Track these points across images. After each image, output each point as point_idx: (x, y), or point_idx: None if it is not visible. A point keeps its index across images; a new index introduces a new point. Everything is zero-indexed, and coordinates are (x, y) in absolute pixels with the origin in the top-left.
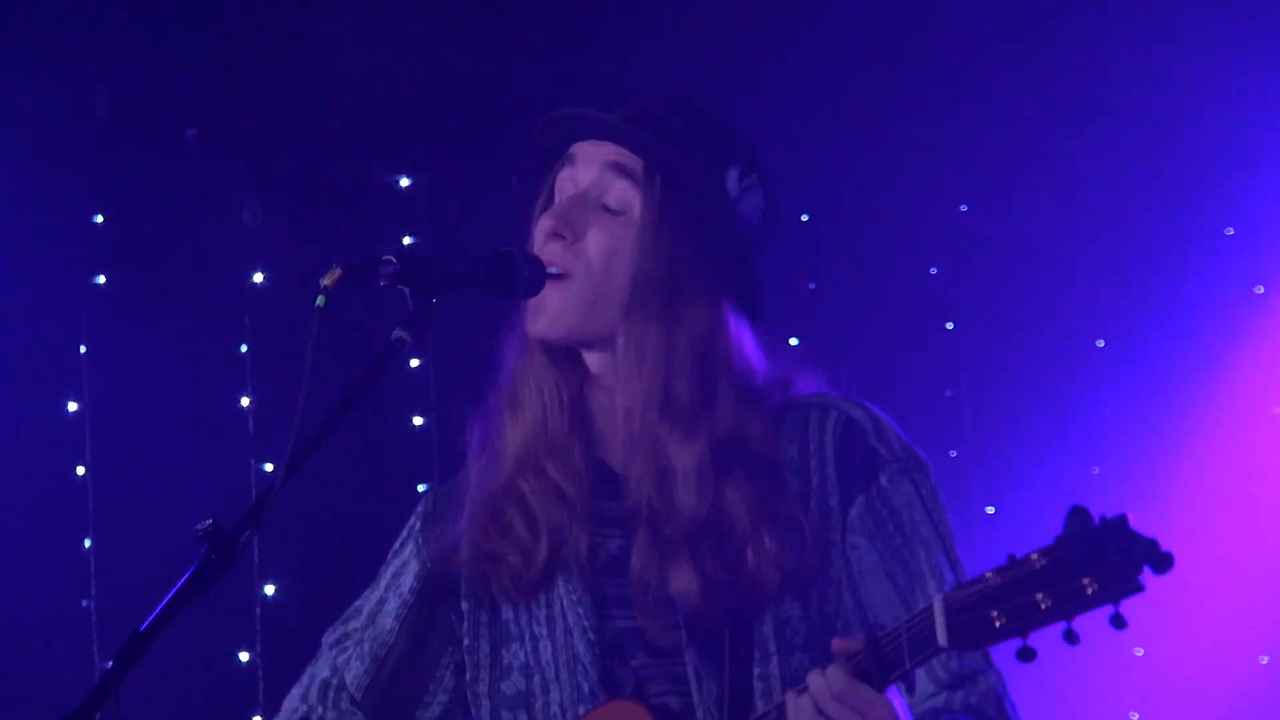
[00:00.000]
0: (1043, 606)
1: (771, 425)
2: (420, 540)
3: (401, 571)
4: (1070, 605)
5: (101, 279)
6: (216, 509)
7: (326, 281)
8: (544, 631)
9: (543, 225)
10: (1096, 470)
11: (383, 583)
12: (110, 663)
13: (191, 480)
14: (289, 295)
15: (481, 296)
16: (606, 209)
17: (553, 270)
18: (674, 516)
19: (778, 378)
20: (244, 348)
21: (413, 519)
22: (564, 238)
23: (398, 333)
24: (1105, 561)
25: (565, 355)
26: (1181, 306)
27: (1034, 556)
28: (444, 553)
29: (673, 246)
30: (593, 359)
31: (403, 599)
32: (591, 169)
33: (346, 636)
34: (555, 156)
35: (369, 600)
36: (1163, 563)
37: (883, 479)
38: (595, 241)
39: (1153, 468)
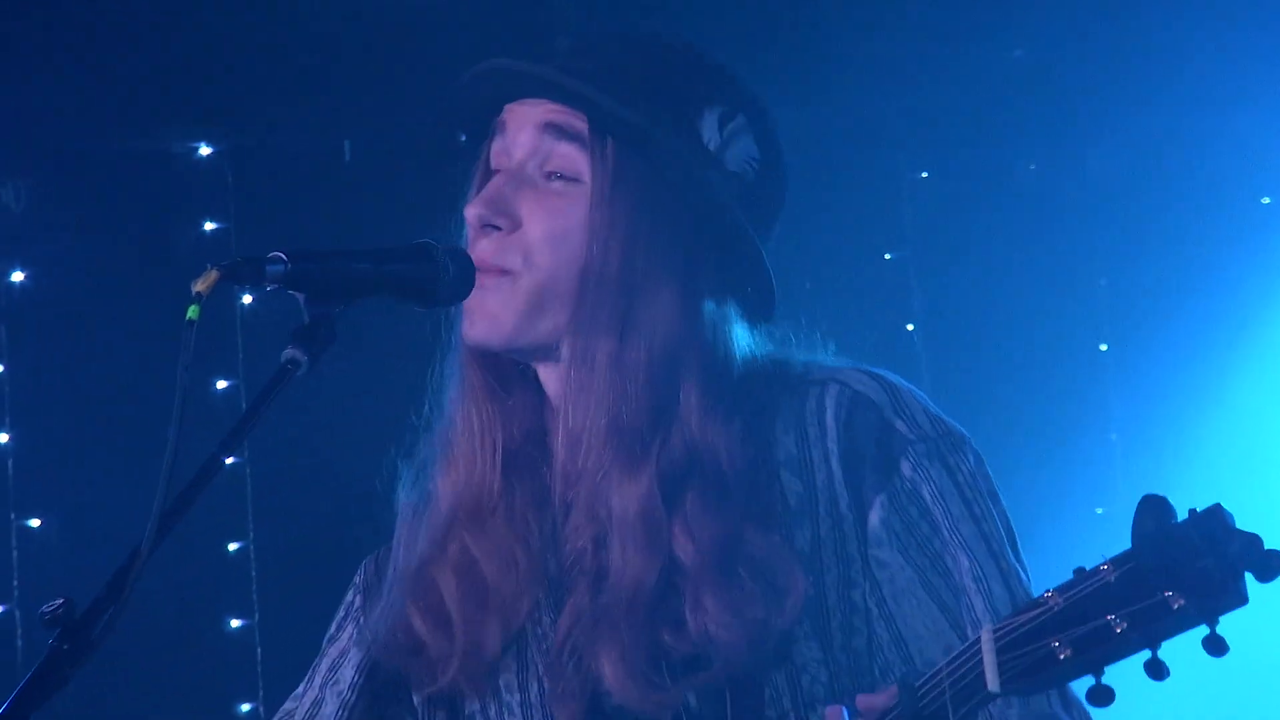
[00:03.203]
0: (1118, 631)
1: (755, 422)
2: (362, 620)
3: (340, 662)
4: (1152, 628)
5: None
6: None
7: (200, 286)
8: None
9: (470, 214)
10: (1100, 511)
11: (318, 678)
12: None
13: None
14: (58, 298)
15: (394, 303)
16: (550, 180)
17: (489, 267)
18: (606, 580)
19: (769, 363)
20: (0, 367)
21: (350, 593)
22: (498, 228)
23: (289, 352)
24: (1193, 568)
25: (517, 375)
26: (1205, 298)
27: (1104, 567)
28: (383, 637)
29: (630, 223)
30: (544, 374)
31: (342, 698)
32: (525, 134)
33: None
34: (487, 121)
35: (302, 703)
36: (1270, 566)
37: (905, 467)
38: (538, 225)
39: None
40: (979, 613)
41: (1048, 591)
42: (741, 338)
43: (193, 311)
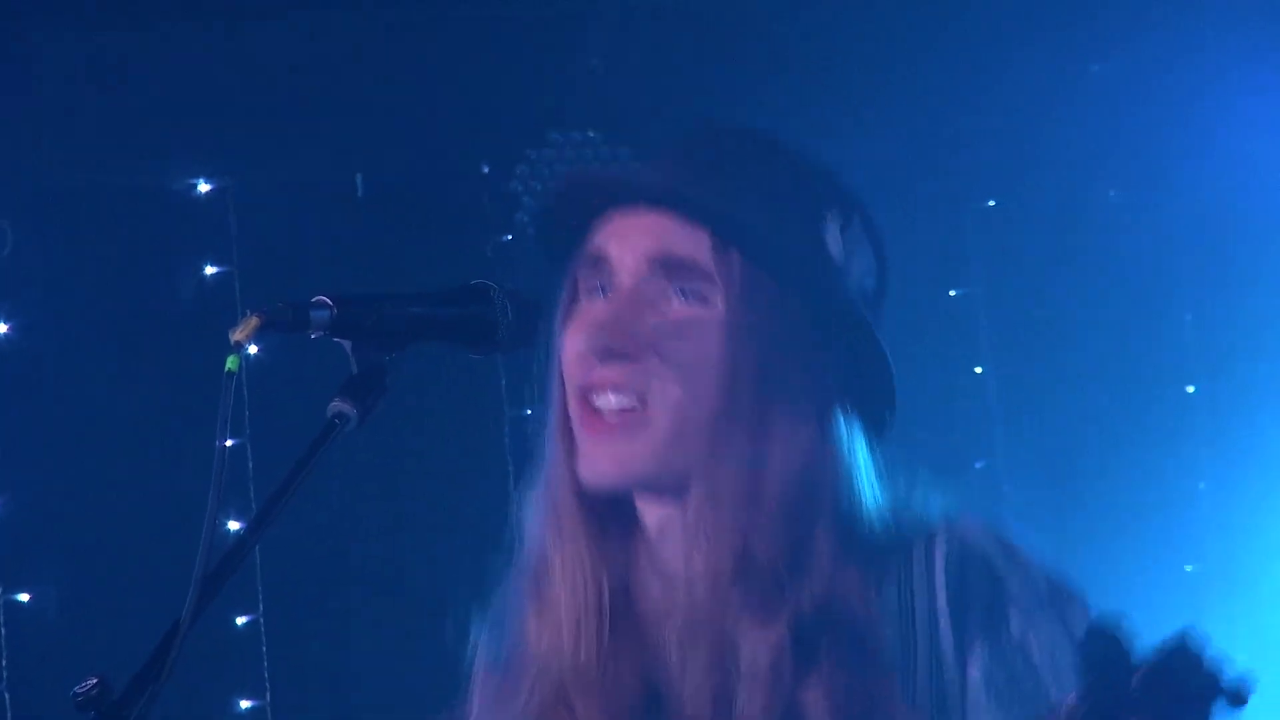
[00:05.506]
0: None
1: (873, 573)
2: None
3: None
4: None
5: None
6: None
7: (239, 335)
8: None
9: (584, 341)
10: (1190, 569)
11: None
12: None
13: None
14: (44, 352)
15: (448, 350)
16: (672, 303)
17: (619, 403)
18: None
19: (888, 504)
20: None
21: None
22: (626, 355)
23: (338, 405)
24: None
25: (613, 507)
26: None
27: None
28: None
29: (767, 349)
30: (655, 514)
31: None
32: (637, 253)
33: None
34: (578, 230)
35: None
36: (1236, 695)
37: (1014, 623)
38: (667, 355)
39: (1265, 561)
40: None
41: None
42: (869, 470)
43: (232, 363)
